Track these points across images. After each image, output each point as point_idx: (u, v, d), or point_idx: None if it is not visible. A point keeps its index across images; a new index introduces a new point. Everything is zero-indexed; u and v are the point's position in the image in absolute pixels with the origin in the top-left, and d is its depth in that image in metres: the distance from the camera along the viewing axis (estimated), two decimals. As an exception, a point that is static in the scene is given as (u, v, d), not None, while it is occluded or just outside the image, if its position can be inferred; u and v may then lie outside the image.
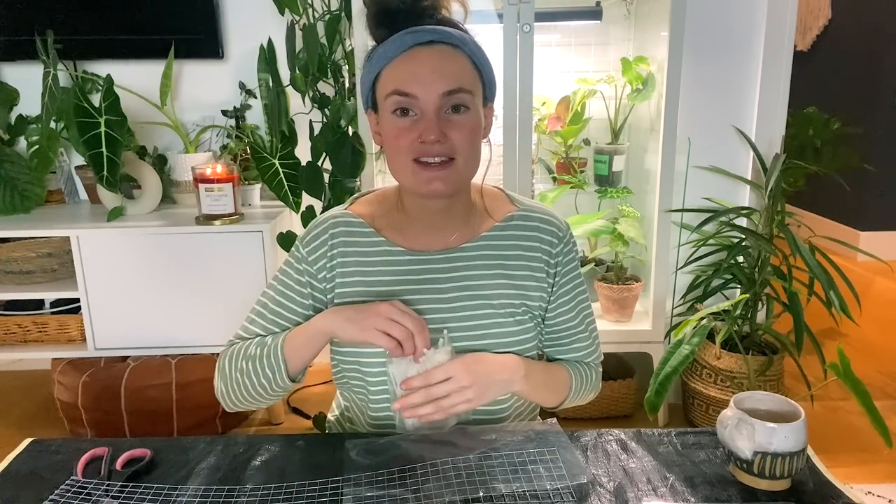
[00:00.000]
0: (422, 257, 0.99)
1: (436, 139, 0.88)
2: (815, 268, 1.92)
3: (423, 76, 0.88)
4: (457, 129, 0.89)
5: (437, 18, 0.91)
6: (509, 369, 0.94)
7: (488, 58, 0.93)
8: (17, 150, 2.17)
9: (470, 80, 0.90)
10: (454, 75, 0.89)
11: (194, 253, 1.99)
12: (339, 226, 1.01)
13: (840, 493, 0.80)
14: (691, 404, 2.17)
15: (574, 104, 2.12)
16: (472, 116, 0.91)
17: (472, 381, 0.88)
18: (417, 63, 0.88)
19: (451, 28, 0.91)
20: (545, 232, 1.01)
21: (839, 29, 4.06)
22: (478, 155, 0.94)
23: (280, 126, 2.03)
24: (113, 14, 2.21)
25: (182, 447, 0.91)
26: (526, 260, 1.01)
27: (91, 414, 2.05)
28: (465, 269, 0.99)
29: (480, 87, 0.93)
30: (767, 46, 2.12)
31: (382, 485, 0.81)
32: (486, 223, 1.01)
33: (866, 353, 2.73)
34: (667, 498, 0.79)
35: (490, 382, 0.91)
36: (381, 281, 0.98)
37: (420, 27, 0.89)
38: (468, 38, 0.91)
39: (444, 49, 0.89)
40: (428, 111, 0.88)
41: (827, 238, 2.17)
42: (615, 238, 2.09)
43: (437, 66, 0.88)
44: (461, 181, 0.94)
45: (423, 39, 0.88)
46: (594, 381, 1.11)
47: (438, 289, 0.98)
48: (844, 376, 1.26)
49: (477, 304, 0.98)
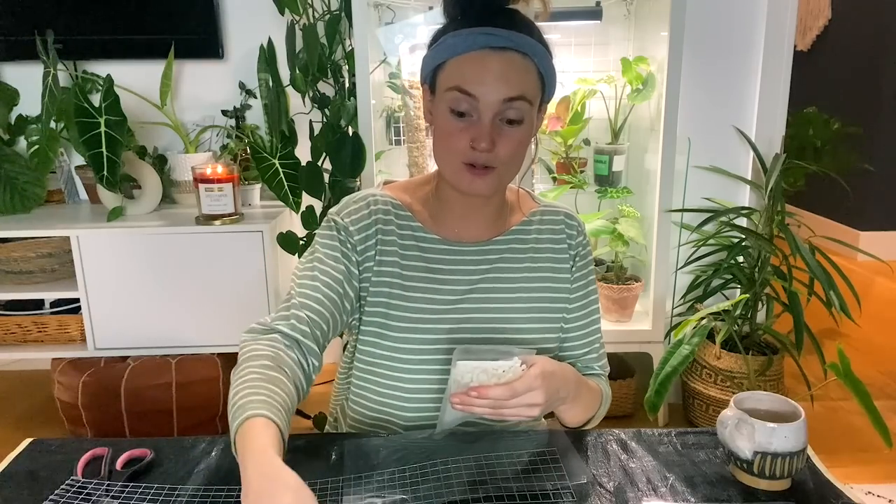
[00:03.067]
0: (456, 247, 1.00)
1: (486, 147, 0.89)
2: (815, 268, 1.92)
3: (489, 80, 0.88)
4: (506, 141, 0.90)
5: (513, 15, 0.90)
6: (568, 384, 0.91)
7: (553, 63, 0.94)
8: (17, 150, 2.17)
9: (532, 91, 0.90)
10: (519, 84, 0.89)
11: (194, 253, 1.99)
12: (380, 204, 1.00)
13: (840, 493, 0.80)
14: (691, 404, 2.17)
15: (574, 104, 2.12)
16: (524, 129, 0.91)
17: (545, 400, 0.83)
18: (485, 66, 0.88)
19: (526, 34, 0.90)
20: (568, 225, 1.05)
21: (839, 29, 4.06)
22: (521, 160, 0.95)
23: (280, 126, 2.03)
24: (113, 14, 2.21)
25: (182, 447, 0.91)
26: (552, 252, 1.03)
27: (91, 414, 2.05)
28: (497, 261, 1.00)
29: (540, 95, 0.93)
30: (767, 46, 2.12)
31: (382, 485, 0.81)
32: (516, 217, 1.04)
33: (866, 353, 2.73)
34: (667, 498, 0.79)
35: (555, 399, 0.87)
36: (415, 267, 0.99)
37: (496, 30, 0.88)
38: (539, 47, 0.90)
39: (515, 57, 0.89)
40: (485, 116, 0.89)
41: (827, 238, 2.17)
42: (615, 238, 2.09)
43: (504, 73, 0.88)
44: (501, 185, 0.96)
45: (496, 44, 0.88)
46: (608, 393, 1.09)
47: (470, 280, 0.99)
48: (844, 376, 1.26)
49: (507, 297, 1.00)
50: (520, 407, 0.82)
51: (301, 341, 0.91)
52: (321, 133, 1.99)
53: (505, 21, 0.89)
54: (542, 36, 0.92)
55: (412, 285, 0.98)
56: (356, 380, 1.02)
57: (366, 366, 1.00)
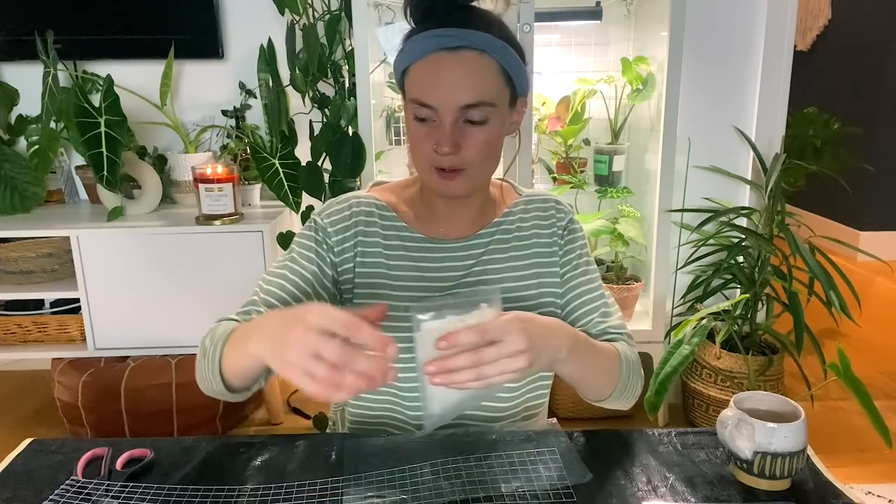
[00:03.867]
0: (441, 245, 1.00)
1: (449, 151, 0.88)
2: (815, 268, 1.92)
3: (443, 88, 0.87)
4: (471, 141, 0.89)
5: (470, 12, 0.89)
6: (558, 335, 0.81)
7: (520, 55, 0.91)
8: (17, 150, 2.17)
9: (493, 91, 0.88)
10: (476, 87, 0.87)
11: (194, 253, 1.99)
12: (362, 205, 1.01)
13: (840, 493, 0.80)
14: (691, 404, 2.17)
15: (574, 104, 2.12)
16: (490, 128, 0.90)
17: (529, 345, 0.73)
18: (439, 72, 0.87)
19: (483, 30, 0.87)
20: (557, 209, 1.05)
21: (839, 29, 4.06)
22: (494, 159, 0.94)
23: (280, 126, 2.03)
24: (113, 14, 2.21)
25: (182, 447, 0.91)
26: (538, 237, 1.03)
27: (91, 414, 2.05)
28: (482, 255, 1.00)
29: (507, 91, 0.91)
30: (767, 46, 2.12)
31: (382, 485, 0.81)
32: (499, 210, 1.04)
33: (866, 353, 2.73)
34: (667, 498, 0.79)
35: (543, 348, 0.78)
36: (402, 266, 0.99)
37: (449, 30, 0.86)
38: (497, 42, 0.87)
39: (471, 56, 0.87)
40: (445, 121, 0.88)
41: (827, 238, 2.17)
42: (615, 238, 2.09)
43: (459, 78, 0.87)
44: (475, 185, 0.95)
45: (449, 44, 0.86)
46: (636, 360, 0.99)
47: (457, 276, 0.99)
48: (844, 376, 1.26)
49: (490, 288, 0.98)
50: (502, 359, 0.71)
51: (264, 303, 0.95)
52: (321, 133, 1.99)
53: (459, 20, 0.87)
54: (505, 30, 0.90)
55: (399, 284, 0.98)
56: None
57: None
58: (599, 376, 0.93)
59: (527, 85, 0.95)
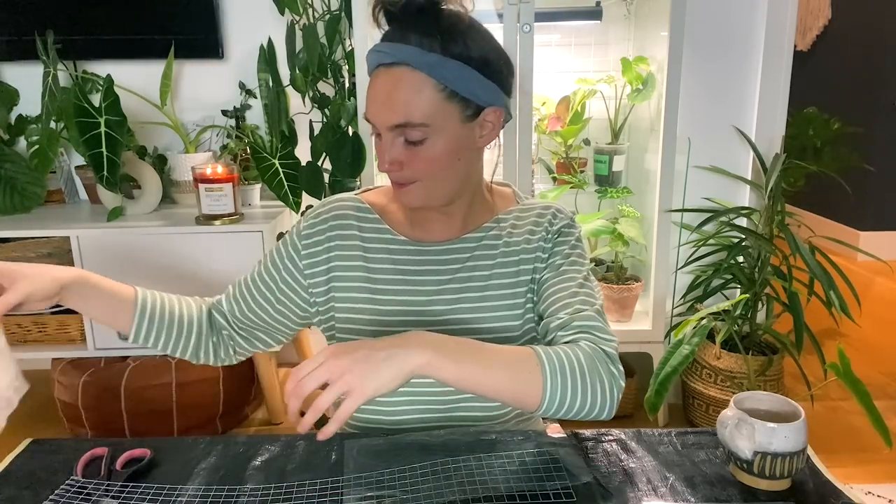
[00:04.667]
0: (423, 248, 0.98)
1: (390, 169, 0.87)
2: (815, 268, 1.92)
3: (377, 106, 0.85)
4: (414, 160, 0.87)
5: (415, 23, 0.83)
6: (399, 343, 0.76)
7: (475, 69, 0.84)
8: (17, 150, 2.17)
9: (424, 111, 0.83)
10: (403, 108, 0.83)
11: (194, 253, 1.99)
12: (344, 209, 1.00)
13: (840, 493, 0.80)
14: (691, 404, 2.17)
15: (574, 104, 2.12)
16: (430, 147, 0.86)
17: (348, 366, 0.72)
18: (374, 90, 0.86)
19: (419, 43, 0.82)
20: (545, 215, 1.00)
21: (839, 29, 4.06)
22: (451, 172, 0.89)
23: (280, 126, 2.03)
24: (113, 14, 2.21)
25: (182, 447, 0.91)
26: (527, 244, 0.98)
27: (91, 414, 2.05)
28: (466, 260, 0.98)
29: (455, 107, 0.85)
30: (767, 46, 2.12)
31: (382, 485, 0.81)
32: (490, 215, 1.01)
33: (866, 353, 2.73)
34: (667, 498, 0.79)
35: (373, 360, 0.73)
36: (384, 269, 0.98)
37: (384, 45, 0.84)
38: (432, 57, 0.82)
39: (401, 73, 0.83)
40: (386, 139, 0.87)
41: (827, 238, 2.17)
42: (615, 238, 2.09)
43: (388, 98, 0.84)
44: (433, 196, 0.91)
45: (384, 61, 0.84)
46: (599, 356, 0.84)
47: (440, 280, 0.97)
48: (844, 376, 1.26)
49: (477, 295, 0.97)
50: (326, 391, 0.71)
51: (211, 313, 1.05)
52: (321, 133, 1.99)
53: (397, 33, 0.84)
54: (460, 40, 0.84)
55: (381, 287, 0.97)
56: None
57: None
58: (499, 380, 0.78)
59: (495, 96, 0.88)
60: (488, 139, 0.92)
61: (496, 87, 0.88)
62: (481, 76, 0.85)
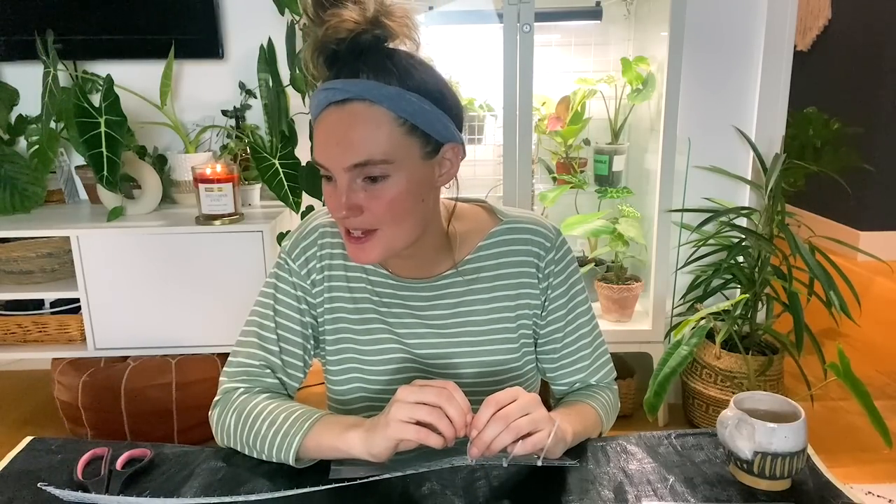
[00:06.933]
0: (406, 284, 0.94)
1: (347, 216, 0.81)
2: (815, 268, 1.92)
3: (330, 147, 0.79)
4: (373, 202, 0.81)
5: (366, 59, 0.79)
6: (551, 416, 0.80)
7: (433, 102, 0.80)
8: (17, 150, 2.17)
9: (385, 147, 0.78)
10: (362, 145, 0.78)
11: (194, 253, 1.99)
12: (327, 236, 0.95)
13: (840, 493, 0.80)
14: (691, 404, 2.17)
15: (574, 104, 2.12)
16: (393, 185, 0.80)
17: (533, 399, 0.77)
18: (327, 130, 0.80)
19: (373, 78, 0.78)
20: (532, 243, 0.95)
21: (839, 29, 4.06)
22: (413, 215, 0.84)
23: (280, 126, 2.03)
24: (113, 14, 2.21)
25: (182, 449, 0.91)
26: (515, 277, 0.95)
27: (91, 414, 2.05)
28: (450, 296, 0.94)
29: (416, 142, 0.80)
30: (767, 46, 2.12)
31: (379, 486, 0.81)
32: (469, 246, 0.95)
33: (866, 353, 2.73)
34: (667, 498, 0.79)
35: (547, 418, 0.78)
36: (366, 308, 0.95)
37: (335, 82, 0.78)
38: (390, 90, 0.77)
39: (359, 109, 0.78)
40: (340, 182, 0.81)
41: (827, 238, 2.17)
42: (615, 238, 2.09)
43: (344, 136, 0.78)
44: (395, 246, 0.85)
45: (335, 98, 0.78)
46: (613, 402, 1.01)
47: (423, 316, 0.94)
48: (844, 376, 1.26)
49: (465, 330, 0.94)
50: (525, 416, 0.75)
51: (274, 364, 0.94)
52: (321, 133, 1.99)
53: (348, 69, 0.78)
54: (417, 74, 0.80)
55: (363, 328, 0.95)
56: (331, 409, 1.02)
57: (332, 403, 1.00)
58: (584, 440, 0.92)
59: (452, 132, 0.83)
60: (447, 178, 0.87)
61: (452, 123, 0.84)
62: (439, 110, 0.81)
